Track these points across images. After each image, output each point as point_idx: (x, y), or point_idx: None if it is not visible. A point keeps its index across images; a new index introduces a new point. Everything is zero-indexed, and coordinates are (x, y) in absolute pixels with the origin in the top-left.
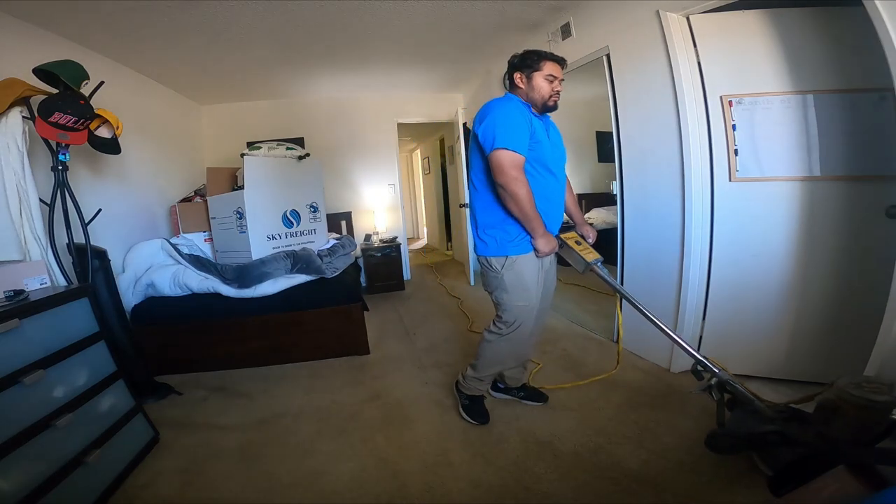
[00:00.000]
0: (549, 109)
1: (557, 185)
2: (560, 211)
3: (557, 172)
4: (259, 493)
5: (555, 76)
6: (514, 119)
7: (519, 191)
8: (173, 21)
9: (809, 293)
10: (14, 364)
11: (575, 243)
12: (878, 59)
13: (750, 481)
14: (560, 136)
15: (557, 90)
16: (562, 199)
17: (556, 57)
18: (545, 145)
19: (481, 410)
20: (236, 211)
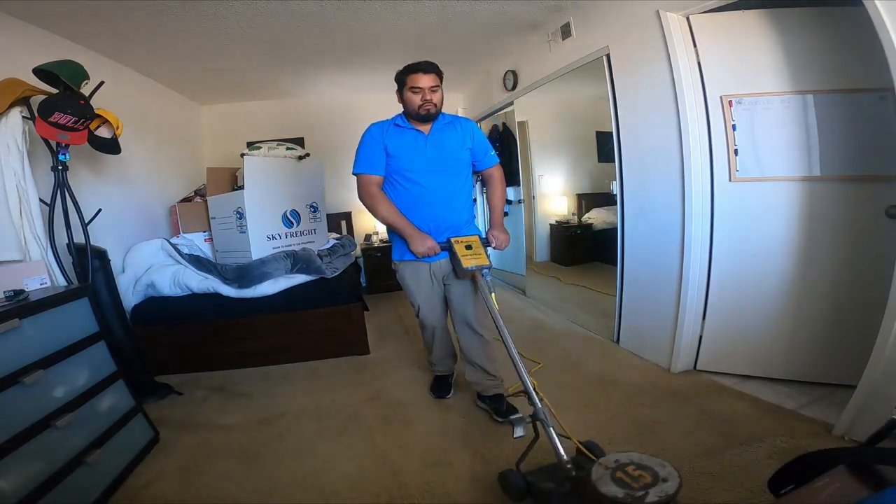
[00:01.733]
0: (423, 118)
1: (423, 192)
2: (438, 214)
3: (421, 180)
4: (259, 493)
5: (419, 86)
6: (364, 145)
7: (372, 206)
8: (173, 21)
9: (809, 293)
10: (14, 364)
11: (464, 248)
12: (878, 59)
13: (749, 481)
14: (449, 142)
15: (427, 98)
16: (436, 204)
17: (417, 65)
18: (402, 157)
19: (439, 386)
20: (236, 211)
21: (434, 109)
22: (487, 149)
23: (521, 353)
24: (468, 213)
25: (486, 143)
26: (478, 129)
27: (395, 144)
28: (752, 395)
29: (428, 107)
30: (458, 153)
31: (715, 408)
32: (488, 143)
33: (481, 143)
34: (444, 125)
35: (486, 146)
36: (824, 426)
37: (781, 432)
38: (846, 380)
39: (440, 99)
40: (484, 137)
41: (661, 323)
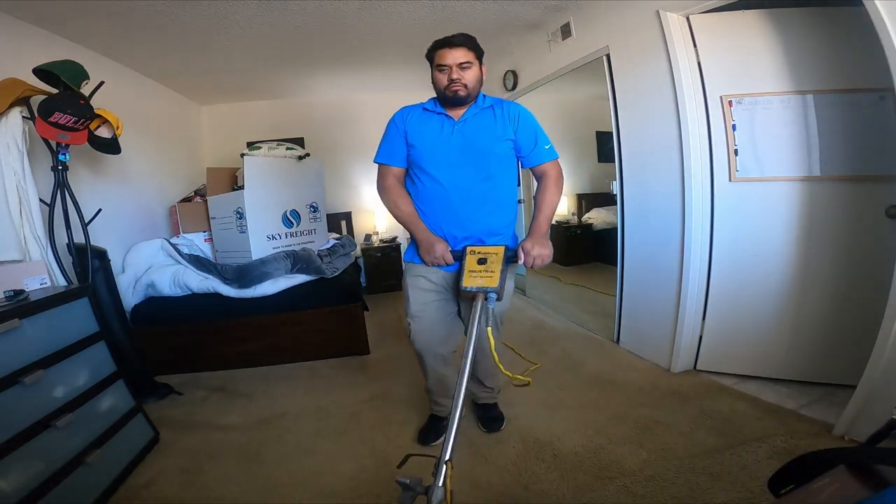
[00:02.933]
0: (452, 101)
1: (442, 191)
2: (461, 219)
3: (441, 176)
4: (259, 493)
5: (445, 64)
6: (386, 132)
7: (385, 201)
8: (173, 21)
9: (809, 293)
10: (14, 364)
11: (476, 261)
12: (878, 59)
13: (749, 481)
14: (483, 130)
15: (454, 78)
16: (459, 207)
17: (442, 41)
18: (421, 148)
19: (429, 426)
20: (236, 211)
21: (464, 91)
22: (538, 140)
23: (520, 354)
24: (503, 218)
25: (537, 133)
26: (527, 114)
27: (416, 132)
28: (752, 395)
29: (456, 87)
30: (492, 145)
31: (715, 408)
32: (541, 132)
33: (529, 132)
34: (481, 111)
35: (536, 136)
36: (824, 426)
37: (781, 432)
38: (846, 380)
39: (475, 78)
40: (534, 125)
41: (661, 323)
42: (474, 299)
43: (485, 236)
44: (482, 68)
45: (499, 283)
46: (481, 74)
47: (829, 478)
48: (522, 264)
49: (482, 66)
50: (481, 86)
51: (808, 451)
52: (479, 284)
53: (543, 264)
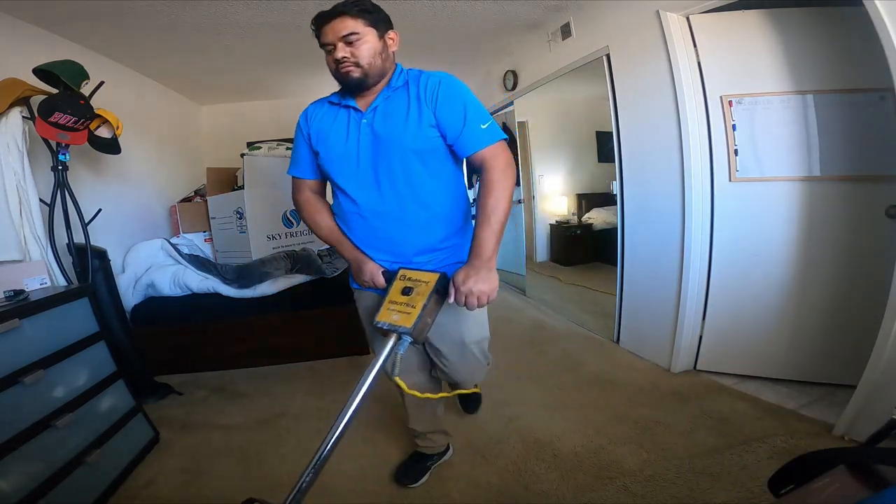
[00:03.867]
0: (350, 87)
1: (353, 206)
2: (381, 238)
3: (353, 192)
4: (259, 493)
5: (326, 43)
6: (294, 138)
7: (303, 218)
8: (173, 21)
9: (809, 293)
10: (14, 364)
11: (402, 291)
12: (878, 59)
13: (749, 481)
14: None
15: (339, 57)
16: (374, 224)
17: (318, 15)
18: (325, 155)
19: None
20: (236, 211)
21: (357, 71)
22: (468, 117)
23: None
24: (443, 230)
25: (466, 108)
26: (451, 84)
27: (320, 134)
28: (752, 395)
29: (345, 68)
30: (407, 137)
31: (715, 408)
32: (474, 106)
33: (453, 107)
34: (394, 92)
35: (465, 113)
36: (824, 426)
37: (781, 432)
38: (846, 380)
39: (372, 51)
40: (462, 97)
41: (661, 323)
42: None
43: (419, 255)
44: (387, 37)
45: (415, 322)
46: (384, 46)
47: (829, 478)
48: (455, 303)
49: (386, 33)
50: (388, 60)
51: (808, 451)
52: (392, 321)
53: (481, 305)
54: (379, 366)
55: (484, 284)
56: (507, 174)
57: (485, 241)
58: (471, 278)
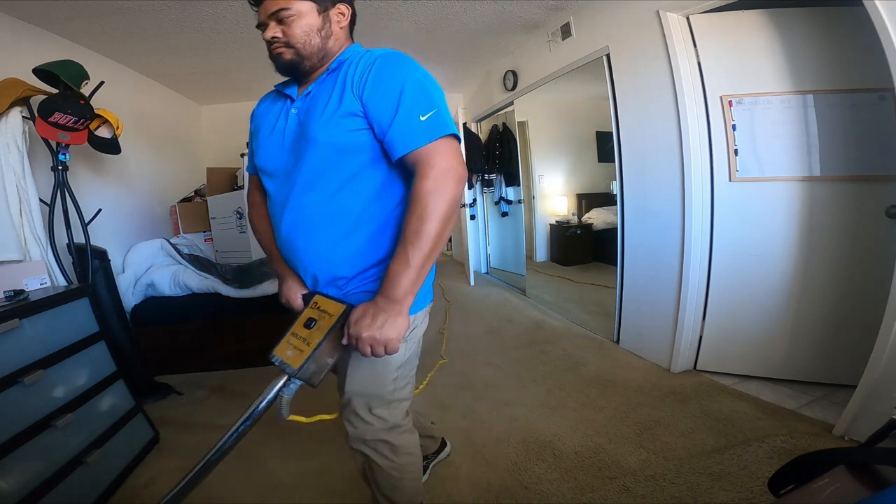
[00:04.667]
0: (279, 70)
1: (271, 202)
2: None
3: (268, 184)
4: (259, 493)
5: (259, 22)
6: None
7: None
8: (173, 21)
9: (809, 293)
10: (14, 364)
11: (305, 322)
12: (878, 59)
13: (750, 481)
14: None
15: (269, 38)
16: (286, 231)
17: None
18: (255, 148)
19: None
20: (236, 211)
21: (290, 53)
22: (403, 105)
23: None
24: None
25: (403, 94)
26: (389, 64)
27: (257, 126)
28: (752, 395)
29: (276, 49)
30: (324, 129)
31: (715, 408)
32: (416, 92)
33: (386, 94)
34: (329, 75)
35: (400, 100)
36: (824, 426)
37: (781, 432)
38: (846, 380)
39: (307, 29)
40: (401, 81)
41: (661, 323)
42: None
43: (329, 285)
44: (333, 12)
45: (303, 363)
46: (326, 22)
47: (829, 478)
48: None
49: (333, 8)
50: (333, 38)
51: (808, 451)
52: (285, 358)
53: (376, 355)
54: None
55: (380, 331)
56: (442, 185)
57: (395, 276)
58: (365, 319)
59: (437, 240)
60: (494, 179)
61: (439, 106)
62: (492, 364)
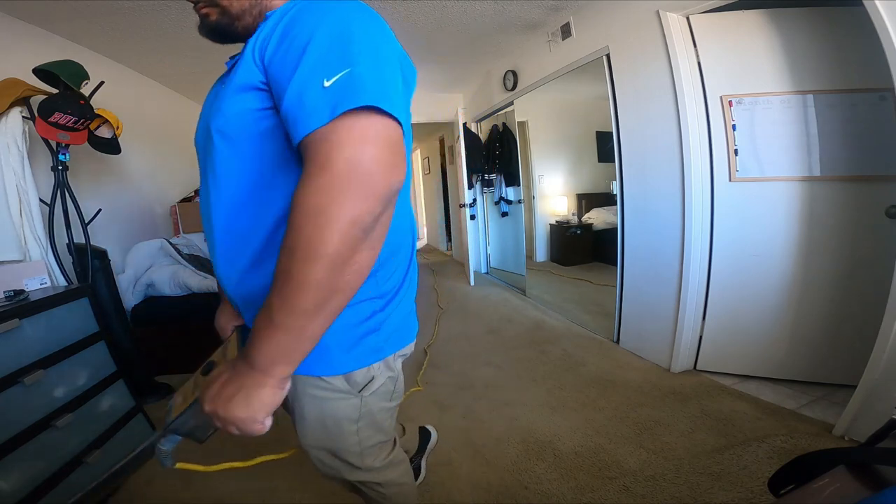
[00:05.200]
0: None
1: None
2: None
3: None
4: (259, 493)
5: None
6: None
7: None
8: (173, 21)
9: (809, 293)
10: (14, 364)
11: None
12: (878, 59)
13: (750, 481)
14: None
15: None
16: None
17: None
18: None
19: None
20: None
21: (215, 13)
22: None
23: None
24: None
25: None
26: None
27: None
28: (752, 395)
29: (200, 10)
30: (221, 108)
31: (715, 408)
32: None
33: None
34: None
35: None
36: (824, 426)
37: (781, 432)
38: (846, 380)
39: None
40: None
41: (661, 323)
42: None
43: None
44: None
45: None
46: None
47: (829, 478)
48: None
49: None
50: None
51: (808, 451)
52: (174, 403)
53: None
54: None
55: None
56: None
57: (256, 333)
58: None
59: (324, 290)
60: (494, 179)
61: (361, 63)
62: (492, 364)
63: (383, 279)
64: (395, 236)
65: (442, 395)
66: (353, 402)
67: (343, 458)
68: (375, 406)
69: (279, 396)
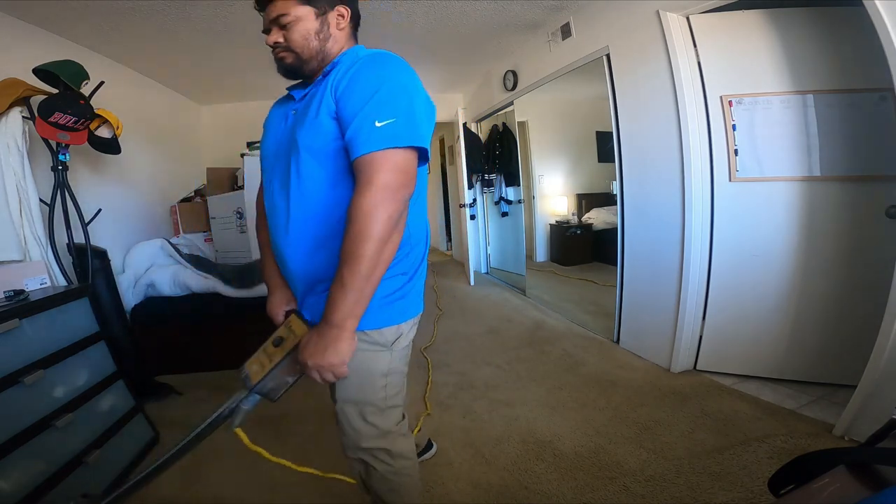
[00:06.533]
0: (283, 72)
1: (268, 198)
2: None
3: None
4: (259, 493)
5: (264, 28)
6: None
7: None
8: (173, 21)
9: (809, 293)
10: (14, 364)
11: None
12: (878, 59)
13: (750, 481)
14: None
15: (271, 42)
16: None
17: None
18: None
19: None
20: (236, 211)
21: (291, 58)
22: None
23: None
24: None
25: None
26: (370, 66)
27: (265, 127)
28: (752, 395)
29: (278, 55)
30: (305, 133)
31: (715, 408)
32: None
33: (357, 95)
34: (322, 79)
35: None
36: (824, 426)
37: (781, 432)
38: (846, 380)
39: (306, 33)
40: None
41: (661, 323)
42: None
43: (310, 296)
44: (332, 15)
45: (262, 378)
46: (324, 24)
47: (829, 478)
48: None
49: (330, 10)
50: (331, 41)
51: (808, 451)
52: (250, 371)
53: (324, 380)
54: (215, 415)
55: (321, 357)
56: (381, 204)
57: (333, 300)
58: (310, 345)
59: (374, 261)
60: (494, 179)
61: (405, 116)
62: (492, 364)
63: (409, 261)
64: (417, 231)
65: (442, 395)
66: (385, 356)
67: (367, 416)
68: (398, 366)
69: (353, 345)
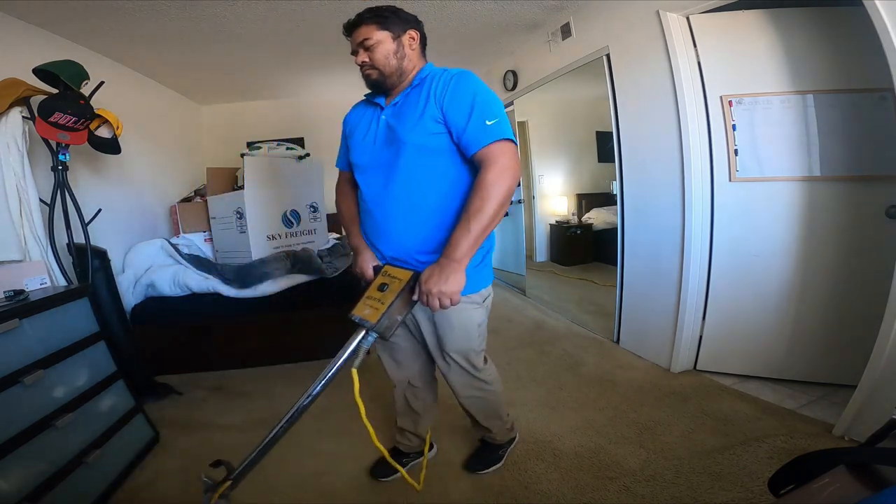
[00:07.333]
0: (368, 86)
1: (366, 190)
2: (380, 232)
3: (361, 180)
4: (259, 493)
5: (352, 49)
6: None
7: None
8: (173, 21)
9: (809, 293)
10: (14, 364)
11: (378, 287)
12: (878, 59)
13: (749, 481)
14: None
15: (359, 62)
16: (375, 215)
17: (345, 26)
18: (351, 147)
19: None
20: (236, 211)
21: (375, 74)
22: (473, 114)
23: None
24: (434, 234)
25: (475, 104)
26: (463, 80)
27: (351, 128)
28: (752, 395)
29: (365, 71)
30: (410, 133)
31: (715, 408)
32: (483, 103)
33: (460, 103)
34: (413, 90)
35: (473, 108)
36: (824, 426)
37: (781, 432)
38: (846, 380)
39: (386, 53)
40: (471, 93)
41: (661, 323)
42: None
43: (415, 257)
44: (405, 38)
45: (379, 318)
46: (400, 46)
47: (829, 478)
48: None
49: (403, 34)
50: (406, 59)
51: (808, 451)
52: (363, 315)
53: (443, 307)
54: (345, 357)
55: (445, 285)
56: (502, 177)
57: (456, 241)
58: (433, 277)
59: (493, 217)
60: None
61: (501, 115)
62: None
63: (489, 239)
64: None
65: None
66: (480, 311)
67: (470, 358)
68: (485, 319)
69: (464, 279)
